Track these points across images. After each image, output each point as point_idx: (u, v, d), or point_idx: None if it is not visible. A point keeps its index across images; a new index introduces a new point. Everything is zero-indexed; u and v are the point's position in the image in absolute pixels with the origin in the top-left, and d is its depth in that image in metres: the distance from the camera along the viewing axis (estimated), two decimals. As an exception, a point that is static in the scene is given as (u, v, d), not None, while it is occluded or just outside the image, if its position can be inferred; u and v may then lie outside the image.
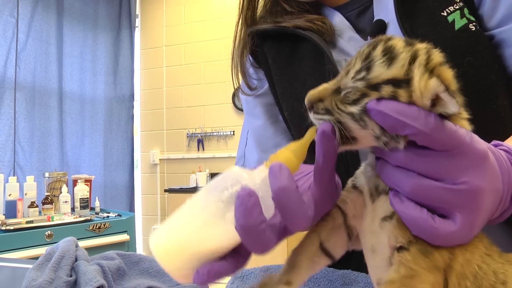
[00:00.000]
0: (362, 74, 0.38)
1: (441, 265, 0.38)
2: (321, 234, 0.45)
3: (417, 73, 0.36)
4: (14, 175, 3.17)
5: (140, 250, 4.39)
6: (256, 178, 0.41)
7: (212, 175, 4.11)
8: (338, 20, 0.75)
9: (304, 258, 0.44)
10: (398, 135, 0.37)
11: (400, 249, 0.39)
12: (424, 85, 0.36)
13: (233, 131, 4.13)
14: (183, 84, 4.37)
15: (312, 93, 0.41)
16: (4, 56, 3.30)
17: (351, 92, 0.39)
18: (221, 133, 4.17)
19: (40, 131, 3.50)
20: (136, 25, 4.53)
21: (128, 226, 2.83)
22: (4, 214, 2.57)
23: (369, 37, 0.69)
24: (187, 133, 4.32)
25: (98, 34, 4.11)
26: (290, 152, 0.42)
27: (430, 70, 0.37)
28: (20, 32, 3.41)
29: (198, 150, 4.28)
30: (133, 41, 4.41)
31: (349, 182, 0.46)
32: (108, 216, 2.82)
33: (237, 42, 0.83)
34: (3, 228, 2.26)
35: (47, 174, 2.98)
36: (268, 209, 0.40)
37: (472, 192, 0.36)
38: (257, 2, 0.83)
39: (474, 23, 0.62)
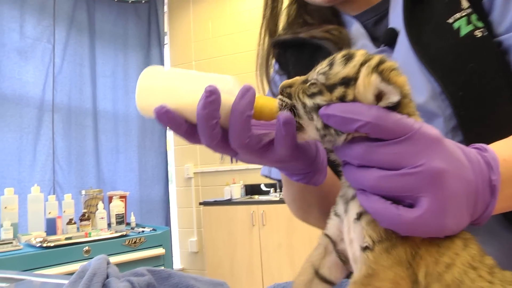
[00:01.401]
0: (325, 69, 0.43)
1: (404, 259, 0.39)
2: (315, 263, 0.48)
3: (364, 71, 0.40)
4: (54, 193, 3.29)
5: (177, 263, 4.43)
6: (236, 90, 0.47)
7: (247, 187, 4.12)
8: (355, 28, 0.77)
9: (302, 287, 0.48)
10: (338, 132, 0.41)
11: (365, 249, 0.41)
12: (367, 82, 0.39)
13: (265, 142, 4.12)
14: (213, 97, 4.41)
15: (285, 81, 0.47)
16: (42, 80, 3.45)
17: (313, 85, 0.43)
18: (253, 144, 4.18)
19: (76, 150, 3.62)
20: (165, 42, 4.63)
21: (163, 240, 2.87)
22: (45, 231, 2.67)
23: (382, 44, 0.71)
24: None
25: (128, 53, 4.23)
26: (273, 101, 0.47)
27: (379, 72, 0.39)
28: (56, 57, 3.57)
29: (232, 162, 4.26)
30: (163, 58, 4.51)
31: (331, 210, 0.49)
32: (143, 231, 2.86)
33: (260, 51, 0.86)
34: (44, 245, 2.34)
35: (83, 192, 3.07)
36: None
37: (431, 172, 0.38)
38: (280, 13, 0.86)
39: (481, 29, 0.62)
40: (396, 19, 0.69)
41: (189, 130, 0.47)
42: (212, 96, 0.43)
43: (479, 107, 0.61)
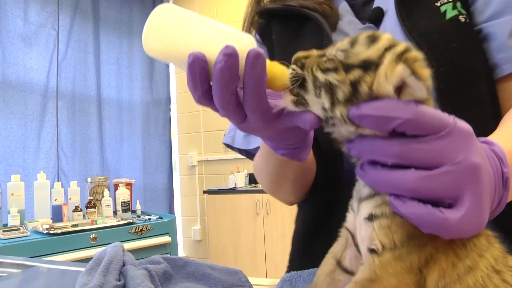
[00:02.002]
0: (346, 46, 0.40)
1: (416, 265, 0.38)
2: (336, 254, 0.48)
3: (388, 58, 0.37)
4: (58, 181, 3.29)
5: (180, 251, 4.46)
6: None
7: (251, 175, 4.12)
8: (341, 6, 0.80)
9: (324, 277, 0.48)
10: (345, 119, 0.38)
11: (372, 251, 0.39)
12: (391, 70, 0.36)
13: (269, 131, 4.12)
14: (217, 85, 4.40)
15: (301, 52, 0.44)
16: (46, 67, 3.43)
17: (330, 61, 0.40)
18: (257, 133, 4.17)
19: (81, 137, 3.62)
20: (170, 30, 4.59)
21: (169, 228, 2.88)
22: (51, 218, 2.68)
23: (367, 22, 0.74)
24: (224, 134, 4.33)
25: (133, 40, 4.20)
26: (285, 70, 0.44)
27: (403, 60, 0.37)
28: (61, 43, 3.54)
29: (236, 150, 4.28)
30: (168, 46, 4.48)
31: (349, 203, 0.48)
32: (149, 219, 2.87)
33: (246, 21, 0.87)
34: (51, 232, 2.34)
35: (89, 179, 3.07)
36: None
37: (471, 168, 0.36)
38: None
39: (464, 16, 0.68)
40: (384, 1, 0.73)
41: (208, 90, 0.43)
42: (231, 59, 0.39)
43: (458, 83, 0.65)
